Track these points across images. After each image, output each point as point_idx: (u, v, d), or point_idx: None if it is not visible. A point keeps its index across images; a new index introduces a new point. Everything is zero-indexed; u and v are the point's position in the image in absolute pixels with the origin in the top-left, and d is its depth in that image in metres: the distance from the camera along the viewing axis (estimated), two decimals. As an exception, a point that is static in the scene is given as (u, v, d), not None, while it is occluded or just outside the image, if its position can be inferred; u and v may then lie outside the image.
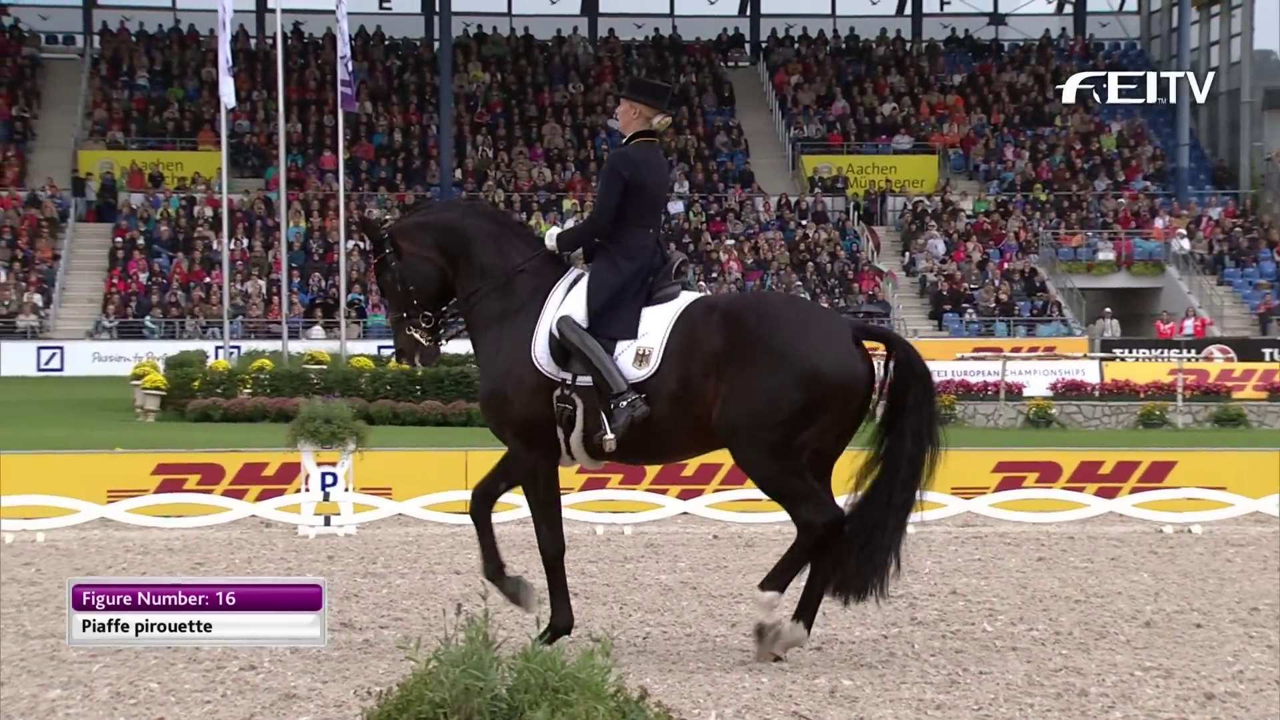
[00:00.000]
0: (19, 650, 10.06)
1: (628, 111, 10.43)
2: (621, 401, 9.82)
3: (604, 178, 10.29)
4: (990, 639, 10.55)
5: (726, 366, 9.74)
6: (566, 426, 10.01)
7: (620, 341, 9.95)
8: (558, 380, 9.99)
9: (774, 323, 9.84)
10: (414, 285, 10.40)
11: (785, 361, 9.68)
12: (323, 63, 62.31)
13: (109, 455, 18.86)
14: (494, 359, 10.20)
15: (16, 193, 57.88)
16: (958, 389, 33.82)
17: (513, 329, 10.16)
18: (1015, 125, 64.36)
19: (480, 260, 10.33)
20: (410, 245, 10.44)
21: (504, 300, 10.25)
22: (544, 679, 5.12)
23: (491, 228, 10.49)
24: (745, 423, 9.70)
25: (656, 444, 10.12)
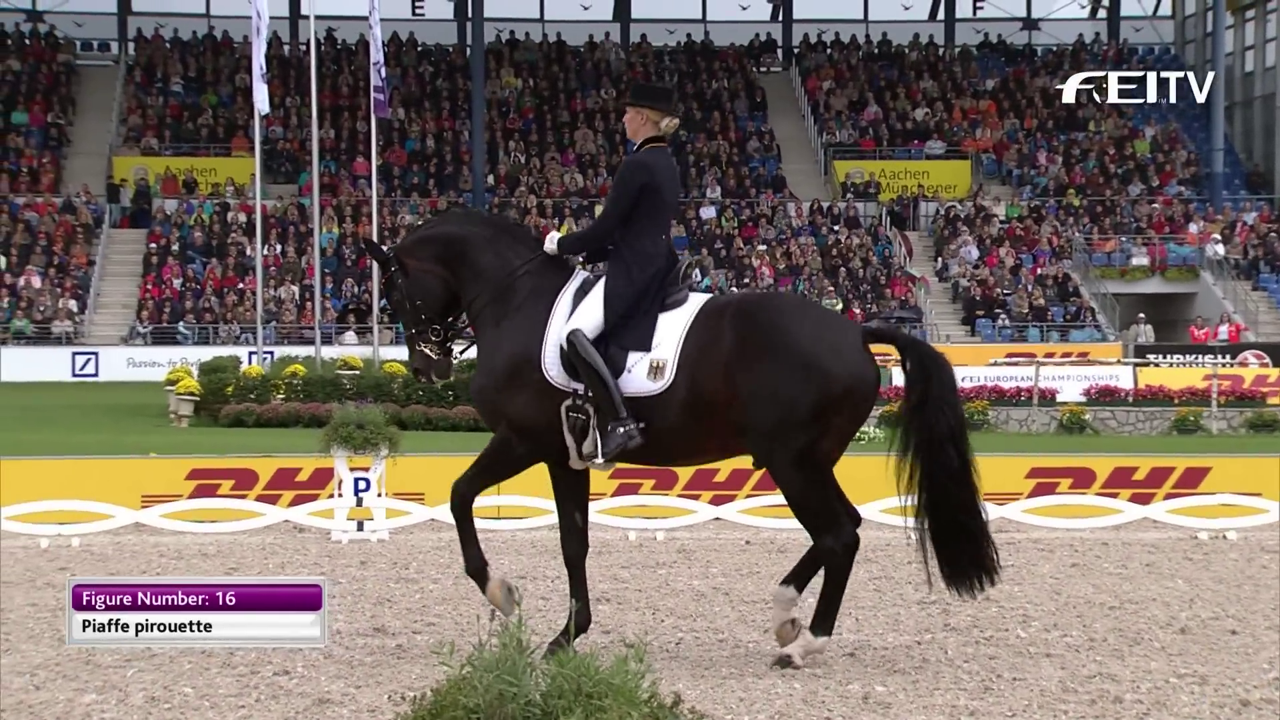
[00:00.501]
0: (54, 655, 10.10)
1: (635, 118, 10.39)
2: (620, 427, 9.84)
3: (619, 184, 10.24)
4: (1024, 645, 10.52)
5: (741, 369, 9.77)
6: (579, 435, 9.98)
7: (634, 353, 9.93)
8: (568, 391, 9.97)
9: (789, 324, 9.89)
10: (420, 300, 10.44)
11: (800, 366, 9.71)
12: (356, 69, 62.48)
13: (143, 460, 18.93)
14: (492, 356, 10.18)
15: (52, 199, 58.18)
16: (990, 395, 33.73)
17: (512, 327, 10.13)
18: (1048, 130, 64.19)
19: (478, 265, 10.34)
20: (413, 261, 10.49)
21: (504, 302, 10.24)
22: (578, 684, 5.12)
23: (488, 232, 10.49)
24: (769, 427, 9.72)
25: (677, 450, 10.24)
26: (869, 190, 61.82)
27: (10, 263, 55.13)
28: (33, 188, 58.91)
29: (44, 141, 61.23)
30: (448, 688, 5.29)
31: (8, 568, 14.23)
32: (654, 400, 9.88)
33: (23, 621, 11.36)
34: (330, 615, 11.53)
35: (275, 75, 59.22)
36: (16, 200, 57.86)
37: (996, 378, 35.50)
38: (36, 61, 64.23)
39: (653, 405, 9.89)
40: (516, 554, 15.17)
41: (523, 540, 16.11)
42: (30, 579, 13.55)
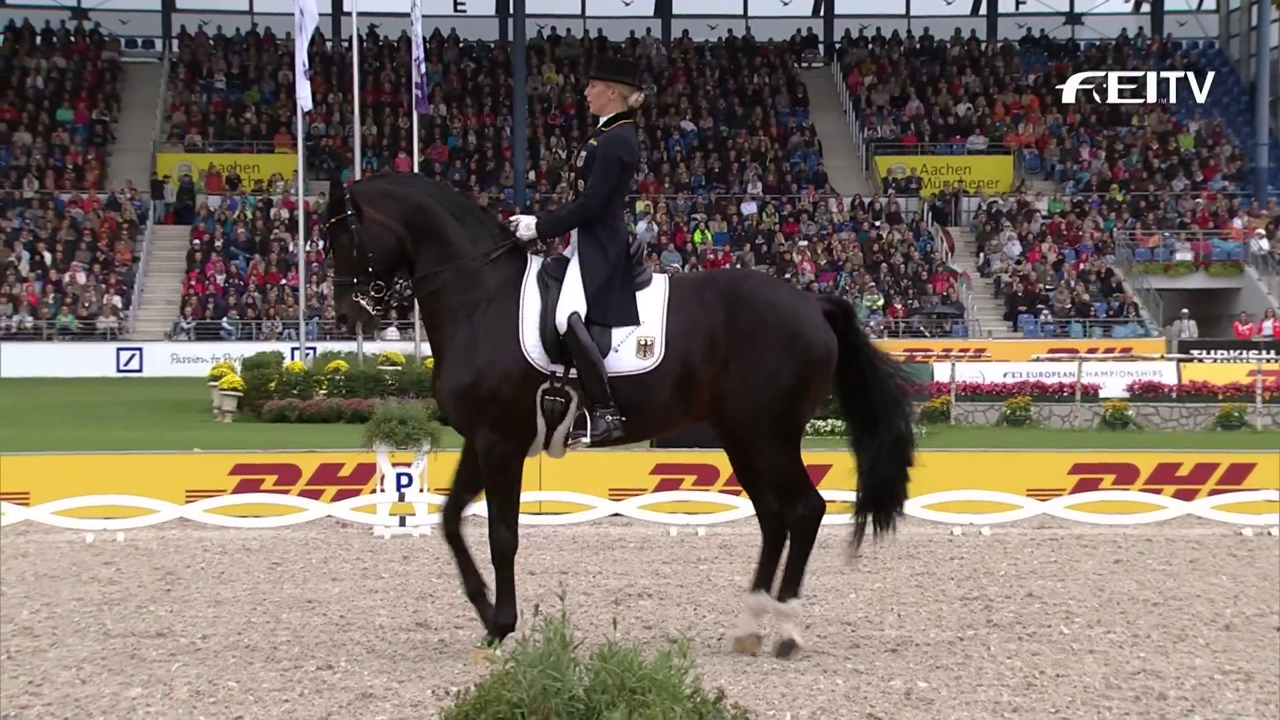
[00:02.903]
0: (100, 649, 10.17)
1: (604, 93, 10.27)
2: (607, 415, 9.85)
3: (606, 161, 10.07)
4: (1067, 641, 10.48)
5: (728, 346, 9.89)
6: (554, 420, 9.93)
7: (618, 330, 9.89)
8: (547, 373, 9.87)
9: (772, 298, 10.10)
10: (372, 252, 10.05)
11: (787, 339, 9.93)
12: (398, 65, 62.63)
13: (187, 456, 19.03)
14: (470, 351, 9.92)
15: (96, 195, 58.51)
16: (1033, 390, 33.62)
17: (487, 320, 9.93)
18: (1091, 125, 63.90)
19: (447, 242, 10.07)
20: (374, 211, 10.10)
21: (472, 290, 10.00)
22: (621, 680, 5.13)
23: (457, 210, 10.23)
24: (751, 401, 9.89)
25: (659, 427, 10.36)
26: (910, 186, 61.66)
27: (56, 259, 55.46)
28: (78, 184, 59.27)
29: (89, 138, 61.58)
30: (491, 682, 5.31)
31: (53, 562, 14.33)
32: (642, 378, 9.88)
33: (69, 615, 11.44)
34: (373, 610, 11.61)
35: (318, 72, 59.42)
36: (62, 197, 58.22)
37: (1039, 373, 35.34)
38: (82, 59, 64.60)
39: (641, 383, 9.89)
40: (558, 549, 15.19)
41: (564, 536, 16.13)
42: (76, 573, 13.63)
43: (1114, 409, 32.56)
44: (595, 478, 17.40)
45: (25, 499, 16.83)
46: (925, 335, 53.13)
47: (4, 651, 10.07)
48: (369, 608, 11.80)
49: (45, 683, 9.13)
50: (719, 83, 66.34)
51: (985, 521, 16.59)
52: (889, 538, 10.59)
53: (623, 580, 13.16)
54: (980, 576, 13.42)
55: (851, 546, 10.51)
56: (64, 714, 8.38)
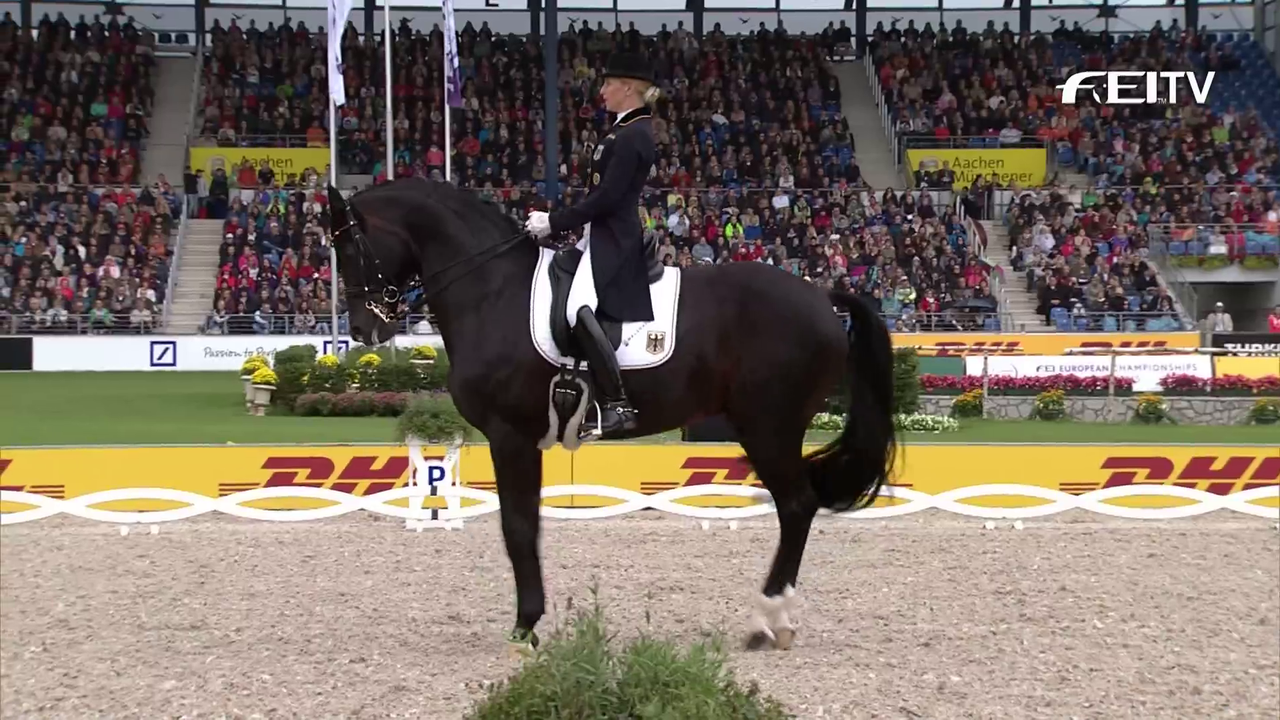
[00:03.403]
0: (134, 641, 10.21)
1: (620, 89, 10.28)
2: (618, 407, 9.86)
3: (623, 156, 10.08)
4: (1101, 636, 10.45)
5: (739, 338, 9.90)
6: (565, 412, 9.94)
7: (629, 324, 9.90)
8: (558, 365, 9.89)
9: (782, 293, 10.11)
10: (380, 260, 10.08)
11: (797, 331, 9.95)
12: (430, 59, 62.72)
13: (221, 449, 19.08)
14: (480, 343, 9.94)
15: (130, 189, 58.75)
16: (1066, 384, 33.53)
17: (496, 313, 9.95)
18: (1125, 118, 63.66)
19: (452, 240, 10.09)
20: (376, 219, 10.13)
21: (480, 283, 10.02)
22: (655, 673, 5.13)
23: (459, 207, 10.26)
24: (759, 394, 9.91)
25: (667, 421, 10.38)
26: (943, 179, 61.53)
27: (90, 253, 55.71)
28: (112, 179, 59.51)
29: (123, 133, 61.82)
30: (525, 676, 5.31)
31: (88, 555, 14.39)
32: (654, 372, 9.90)
33: (103, 608, 11.49)
34: (406, 603, 11.63)
35: (350, 66, 59.52)
36: (96, 191, 58.47)
37: (1072, 367, 35.26)
38: (116, 53, 64.84)
39: (652, 377, 9.90)
40: (590, 543, 15.21)
41: (596, 529, 16.14)
42: (111, 566, 13.69)
43: (1148, 403, 32.45)
44: (627, 471, 17.41)
45: (60, 492, 16.91)
46: (957, 329, 53.01)
47: (40, 643, 10.12)
48: (402, 601, 11.83)
49: (80, 675, 9.18)
50: (751, 76, 66.27)
51: (1018, 516, 16.55)
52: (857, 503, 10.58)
53: (655, 574, 13.16)
54: (1013, 570, 13.39)
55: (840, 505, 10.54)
56: (99, 706, 8.42)
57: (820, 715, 8.19)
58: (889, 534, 15.83)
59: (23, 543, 15.18)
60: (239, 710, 8.30)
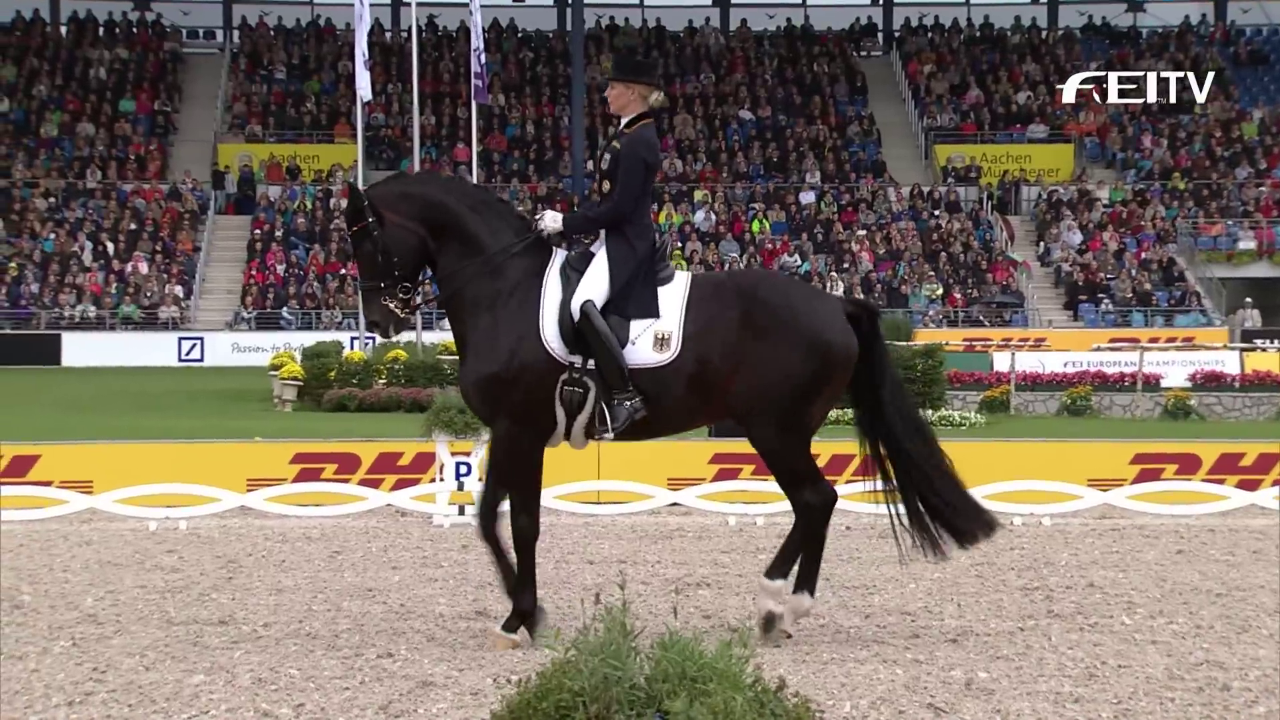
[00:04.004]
0: (163, 636, 10.24)
1: (624, 94, 10.38)
2: (626, 401, 9.92)
3: (630, 163, 10.15)
4: (1129, 632, 10.42)
5: (743, 342, 9.95)
6: (573, 410, 10.00)
7: (637, 322, 9.96)
8: (566, 364, 9.96)
9: (786, 299, 10.15)
10: (397, 255, 10.17)
11: (801, 337, 9.99)
12: (456, 55, 62.79)
13: (248, 445, 19.11)
14: (492, 342, 10.02)
15: (158, 186, 58.93)
16: (1093, 380, 33.43)
17: (509, 311, 10.02)
18: (1153, 113, 63.45)
19: (468, 237, 10.17)
20: (393, 215, 10.20)
21: (495, 281, 10.10)
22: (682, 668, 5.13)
23: (475, 204, 10.34)
24: (761, 395, 9.95)
25: (679, 422, 10.39)
26: (970, 174, 61.40)
27: (118, 249, 55.90)
28: (140, 175, 59.71)
29: (151, 129, 62.00)
30: (552, 671, 5.32)
31: (117, 550, 14.44)
32: (659, 372, 9.96)
33: (132, 603, 11.53)
34: (433, 599, 11.65)
35: (377, 62, 59.64)
36: (124, 187, 58.67)
37: (1100, 363, 35.13)
38: (144, 50, 65.05)
39: (657, 377, 9.96)
40: (616, 539, 15.21)
41: (622, 525, 16.15)
42: (139, 561, 13.73)
43: (1176, 399, 32.33)
44: (654, 467, 17.41)
45: (89, 487, 16.97)
46: (985, 324, 52.90)
47: (69, 638, 10.16)
48: (429, 596, 11.85)
49: (109, 669, 9.21)
50: (777, 72, 66.21)
51: (1046, 512, 16.52)
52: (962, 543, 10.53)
53: (681, 570, 13.16)
54: (1041, 567, 13.36)
55: (926, 551, 10.53)
56: (128, 700, 8.45)
57: (847, 711, 8.18)
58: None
59: (52, 538, 15.25)
60: (267, 705, 8.32)
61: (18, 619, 10.88)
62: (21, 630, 10.46)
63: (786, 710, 5.20)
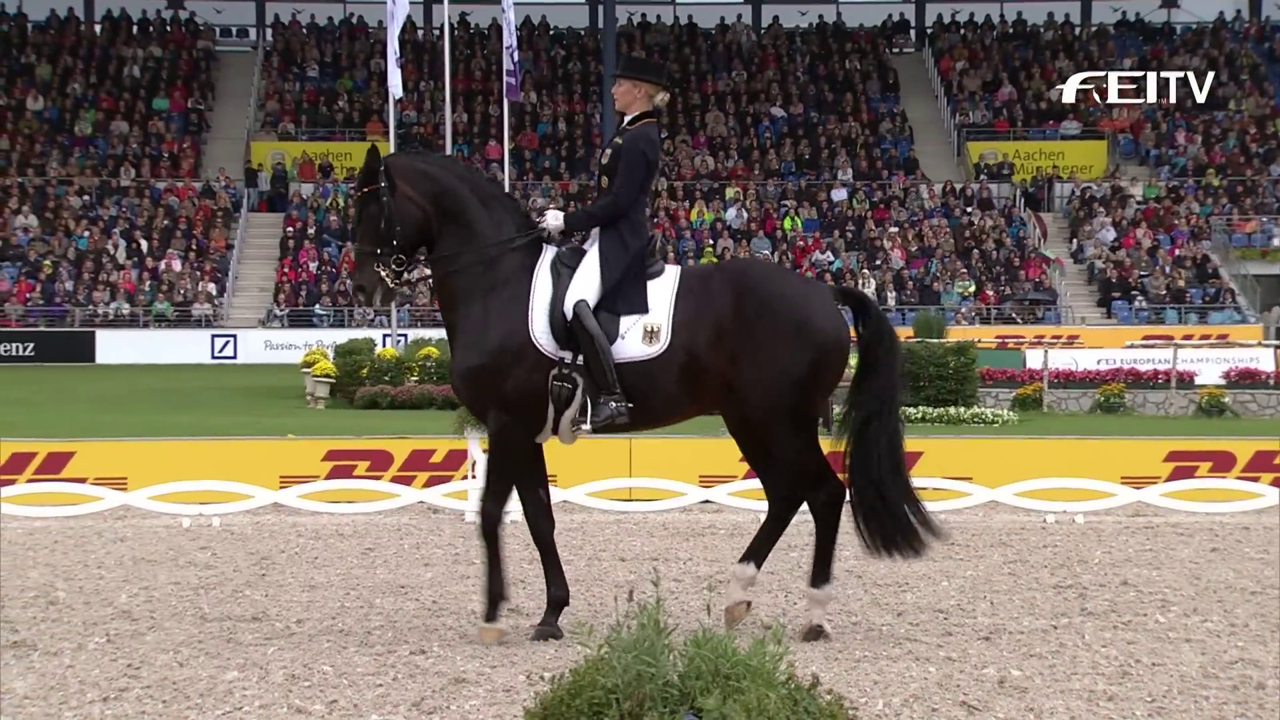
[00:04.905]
0: (197, 632, 10.28)
1: (630, 91, 10.47)
2: (611, 401, 9.95)
3: (632, 159, 10.25)
4: (1163, 630, 10.38)
5: (734, 334, 9.96)
6: (561, 405, 10.07)
7: (627, 317, 10.01)
8: (556, 359, 10.02)
9: (776, 288, 10.14)
10: (400, 225, 10.22)
11: (796, 327, 9.98)
12: (488, 53, 62.85)
13: (281, 442, 19.17)
14: (482, 332, 10.09)
15: (192, 183, 59.13)
16: (1127, 377, 33.31)
17: (500, 303, 10.10)
18: (1187, 109, 63.17)
19: (470, 226, 10.24)
20: (406, 186, 10.26)
21: (490, 273, 10.18)
22: (715, 666, 5.13)
23: (485, 197, 10.40)
24: (768, 388, 9.95)
25: (665, 416, 10.37)
26: (1003, 171, 61.23)
27: (152, 246, 56.11)
28: (173, 173, 59.92)
29: (184, 127, 62.21)
30: (586, 668, 5.32)
31: (151, 546, 14.50)
32: (648, 365, 10.00)
33: (166, 599, 11.57)
34: (465, 596, 11.66)
35: (409, 59, 59.75)
36: (158, 185, 58.88)
37: (1133, 360, 35.01)
38: (177, 48, 65.27)
39: (646, 370, 10.01)
40: (648, 535, 15.21)
41: (654, 522, 16.15)
42: (173, 557, 13.79)
43: (1210, 396, 32.19)
44: (686, 464, 17.40)
45: (123, 484, 17.04)
46: (1017, 321, 52.76)
47: (104, 634, 10.20)
48: (461, 593, 11.86)
49: (144, 665, 9.25)
50: (809, 69, 66.11)
51: (1079, 509, 16.47)
52: (893, 549, 10.47)
53: (713, 567, 13.15)
54: (1074, 564, 13.32)
55: (866, 548, 10.54)
56: (162, 697, 8.48)
57: (880, 709, 8.17)
58: (948, 527, 15.72)
59: (86, 534, 15.31)
60: (300, 701, 8.34)
61: (53, 615, 10.94)
62: (57, 626, 10.52)
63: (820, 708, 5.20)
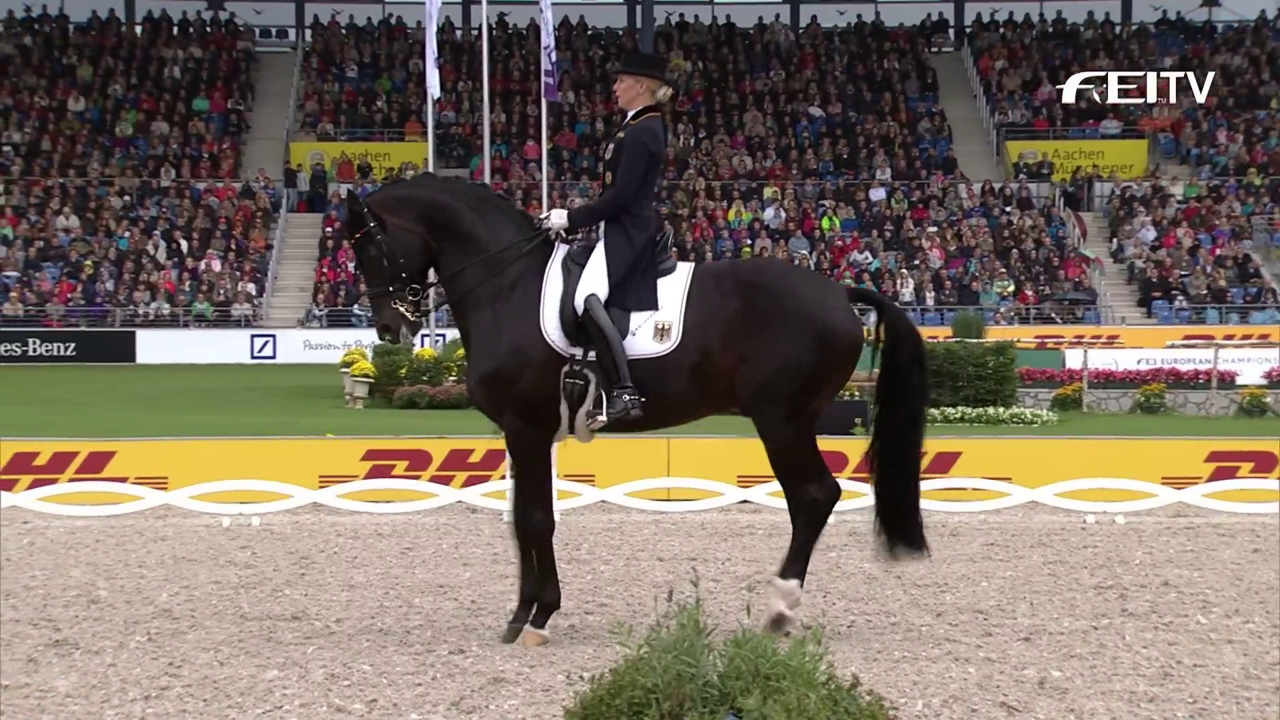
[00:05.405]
0: (237, 631, 10.32)
1: (632, 87, 10.43)
2: (625, 394, 9.94)
3: (633, 153, 10.21)
4: (1204, 631, 10.34)
5: (745, 332, 9.95)
6: (574, 402, 10.06)
7: (637, 314, 10.00)
8: (567, 356, 10.02)
9: (788, 287, 10.11)
10: (402, 257, 10.22)
11: (805, 325, 9.96)
12: (526, 53, 62.88)
13: (320, 441, 19.22)
14: (495, 337, 10.09)
15: (231, 184, 59.34)
16: (1167, 377, 33.16)
17: (509, 306, 10.09)
18: (1229, 108, 62.85)
19: (469, 236, 10.24)
20: (394, 219, 10.25)
21: (496, 277, 10.16)
22: (755, 666, 5.12)
23: (475, 203, 10.39)
24: (767, 386, 9.94)
25: (677, 414, 10.36)
26: (1042, 171, 61.01)
27: (192, 247, 56.33)
28: (213, 173, 60.15)
29: (224, 128, 62.45)
30: (626, 668, 5.33)
31: (191, 545, 14.55)
32: (659, 362, 9.99)
33: (206, 598, 11.62)
34: (504, 595, 11.67)
35: (448, 60, 59.86)
36: (198, 185, 59.11)
37: (1174, 360, 34.86)
38: (217, 49, 65.52)
39: (657, 367, 10.00)
40: (686, 536, 15.21)
41: (692, 522, 16.14)
42: (213, 556, 13.84)
43: (1251, 396, 32.02)
44: (723, 464, 17.38)
45: (163, 483, 17.11)
46: (1057, 321, 52.57)
47: (145, 633, 10.25)
48: (500, 593, 11.87)
49: (185, 664, 9.29)
50: (848, 68, 65.99)
51: (1119, 510, 16.40)
52: (905, 556, 10.57)
53: (752, 567, 13.14)
54: (1114, 565, 13.27)
55: (880, 553, 10.59)
56: (203, 695, 8.52)
57: (920, 709, 8.16)
58: (988, 528, 15.72)
59: (127, 533, 15.38)
60: (340, 700, 8.37)
61: (95, 614, 10.99)
62: (98, 625, 10.57)
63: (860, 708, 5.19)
